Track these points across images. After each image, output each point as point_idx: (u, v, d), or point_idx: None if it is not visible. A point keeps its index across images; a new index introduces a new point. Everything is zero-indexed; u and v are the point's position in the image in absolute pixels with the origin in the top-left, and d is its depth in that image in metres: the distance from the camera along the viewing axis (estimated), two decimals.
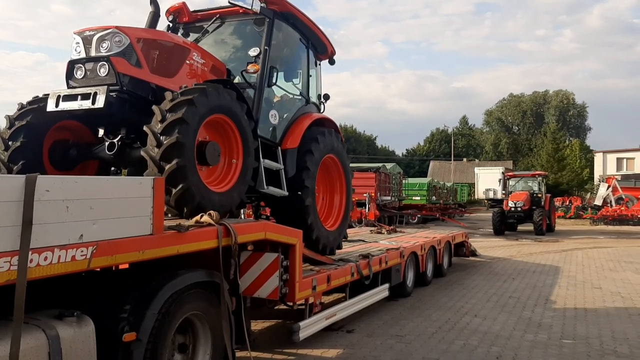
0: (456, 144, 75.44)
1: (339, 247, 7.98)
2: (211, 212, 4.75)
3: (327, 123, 7.69)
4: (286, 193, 6.61)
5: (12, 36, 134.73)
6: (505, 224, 25.84)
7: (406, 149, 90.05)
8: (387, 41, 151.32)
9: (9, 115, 5.44)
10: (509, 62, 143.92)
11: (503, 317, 8.52)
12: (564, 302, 9.80)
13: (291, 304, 6.12)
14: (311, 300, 6.49)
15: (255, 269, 5.56)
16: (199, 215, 4.76)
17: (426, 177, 50.39)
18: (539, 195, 26.59)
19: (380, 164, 30.14)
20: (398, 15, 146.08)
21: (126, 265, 4.43)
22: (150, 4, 6.19)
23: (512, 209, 25.39)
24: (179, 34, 6.96)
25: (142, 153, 4.84)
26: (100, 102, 4.92)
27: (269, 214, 7.54)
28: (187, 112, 4.82)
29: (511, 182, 28.26)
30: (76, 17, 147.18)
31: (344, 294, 7.87)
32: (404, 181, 32.62)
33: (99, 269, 3.91)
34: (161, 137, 4.76)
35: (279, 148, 6.78)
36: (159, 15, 6.32)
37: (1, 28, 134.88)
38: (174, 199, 4.82)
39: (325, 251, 7.36)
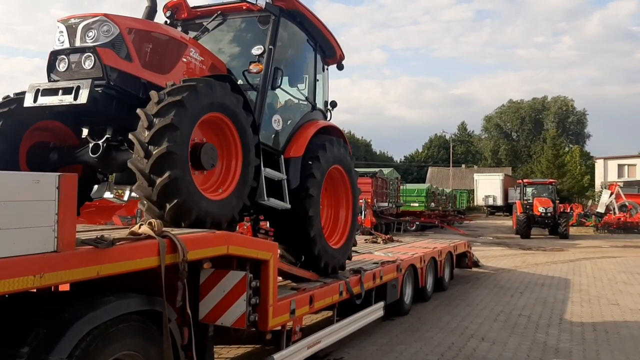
0: (454, 151, 74.52)
1: (349, 260, 7.22)
2: (152, 220, 3.70)
3: (333, 131, 7.01)
4: (289, 206, 5.94)
5: (11, 41, 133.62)
6: (530, 227, 27.44)
7: (404, 155, 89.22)
8: (386, 47, 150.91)
9: None
10: (508, 68, 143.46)
11: (514, 341, 7.45)
12: (580, 322, 8.74)
13: (264, 331, 5.04)
14: (290, 325, 5.43)
15: (217, 291, 4.50)
16: (137, 225, 3.71)
17: (424, 183, 49.45)
18: (556, 201, 28.58)
19: (377, 169, 29.06)
20: (397, 22, 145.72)
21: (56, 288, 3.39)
22: None
23: (543, 214, 27.29)
24: None
25: (130, 165, 4.30)
26: (83, 98, 4.39)
27: (268, 230, 6.89)
28: (177, 115, 4.24)
29: (528, 190, 29.90)
30: None
31: (331, 312, 6.83)
32: (401, 187, 31.59)
33: None
34: (149, 147, 4.19)
35: (282, 157, 6.16)
36: (156, 11, 5.79)
37: (0, 33, 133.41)
38: (169, 215, 4.28)
39: (335, 271, 6.66)
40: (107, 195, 6.89)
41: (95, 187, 5.82)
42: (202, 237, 4.08)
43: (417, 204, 32.33)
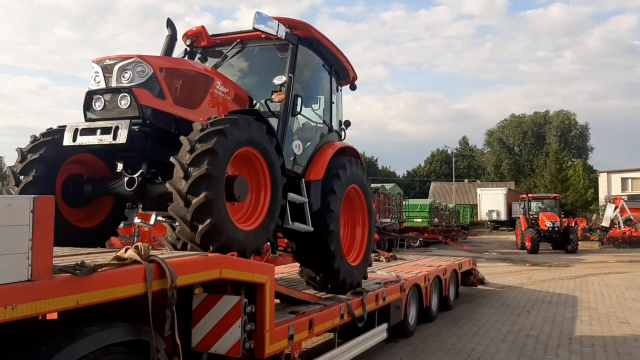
0: (457, 165, 74.31)
1: (365, 278, 7.35)
2: (139, 244, 3.48)
3: (348, 151, 7.17)
4: (311, 229, 6.11)
5: (15, 60, 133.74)
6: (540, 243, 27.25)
7: (407, 170, 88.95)
8: (388, 63, 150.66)
9: (21, 148, 5.07)
10: (509, 83, 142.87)
11: None
12: (590, 342, 8.44)
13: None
14: (288, 351, 5.17)
15: (210, 318, 4.28)
16: (123, 250, 3.50)
17: (427, 198, 49.18)
18: (562, 216, 28.93)
19: (379, 184, 28.84)
20: (399, 38, 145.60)
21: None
22: (167, 27, 5.91)
23: (550, 228, 26.96)
24: (197, 59, 6.68)
25: (170, 211, 4.48)
26: (122, 138, 4.59)
27: (286, 246, 7.11)
28: (210, 163, 4.38)
29: (533, 204, 29.69)
30: (79, 42, 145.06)
31: (332, 334, 6.57)
32: (404, 202, 31.32)
33: None
34: (188, 196, 4.35)
35: (303, 180, 6.31)
36: (176, 39, 6.04)
37: (4, 53, 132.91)
38: (200, 236, 4.38)
39: (352, 287, 6.80)
40: (136, 220, 7.01)
41: (126, 211, 5.93)
42: (192, 260, 3.85)
43: (420, 220, 32.06)
